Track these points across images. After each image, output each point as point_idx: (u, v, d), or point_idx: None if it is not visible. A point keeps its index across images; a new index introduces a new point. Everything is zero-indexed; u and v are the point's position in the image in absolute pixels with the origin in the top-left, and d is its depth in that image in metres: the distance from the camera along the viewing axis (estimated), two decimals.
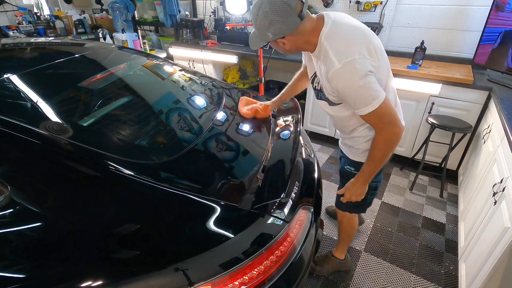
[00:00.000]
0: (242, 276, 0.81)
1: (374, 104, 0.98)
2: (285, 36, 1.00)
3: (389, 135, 1.05)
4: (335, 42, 0.99)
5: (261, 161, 1.14)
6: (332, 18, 1.02)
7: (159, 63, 1.78)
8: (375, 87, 0.97)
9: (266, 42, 1.04)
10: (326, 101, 1.19)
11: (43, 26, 3.86)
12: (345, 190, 1.26)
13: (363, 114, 1.02)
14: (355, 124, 1.20)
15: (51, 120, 1.02)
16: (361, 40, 0.99)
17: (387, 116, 1.02)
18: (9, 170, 0.87)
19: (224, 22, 3.52)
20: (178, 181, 0.97)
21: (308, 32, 1.02)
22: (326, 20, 1.02)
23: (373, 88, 0.97)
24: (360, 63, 0.95)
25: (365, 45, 0.99)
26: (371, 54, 0.99)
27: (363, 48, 0.98)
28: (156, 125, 1.26)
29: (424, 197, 2.31)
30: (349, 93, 1.00)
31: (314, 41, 1.03)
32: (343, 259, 1.67)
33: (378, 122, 1.04)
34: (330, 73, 0.99)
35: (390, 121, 1.03)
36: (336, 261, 1.68)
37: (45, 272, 0.74)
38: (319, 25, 1.02)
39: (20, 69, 1.18)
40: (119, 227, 0.83)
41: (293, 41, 1.03)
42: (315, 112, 2.97)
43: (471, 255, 1.47)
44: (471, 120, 2.19)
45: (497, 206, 1.31)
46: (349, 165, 1.35)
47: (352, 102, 1.02)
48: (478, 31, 2.31)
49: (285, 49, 1.07)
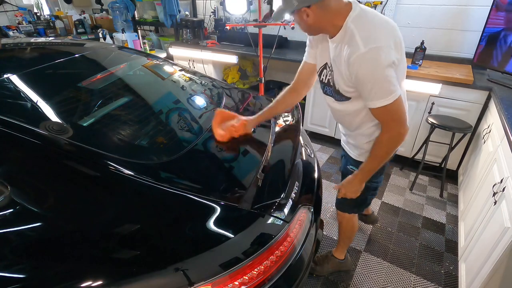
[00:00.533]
0: (242, 276, 0.81)
1: (389, 98, 0.96)
2: (311, 5, 0.95)
3: (395, 134, 1.04)
4: (363, 26, 0.96)
5: (261, 161, 1.14)
6: (360, 6, 1.00)
7: (159, 63, 1.78)
8: (393, 81, 0.95)
9: (291, 10, 1.00)
10: (332, 97, 1.17)
11: (43, 26, 3.86)
12: (342, 186, 1.25)
13: (375, 107, 0.99)
14: (362, 120, 1.17)
15: (51, 120, 1.02)
16: (389, 31, 0.97)
17: (397, 113, 1.00)
18: (9, 170, 0.87)
19: (224, 22, 3.53)
20: (178, 181, 0.97)
21: (334, 12, 0.98)
22: (354, 6, 0.99)
23: (392, 82, 0.94)
24: (386, 52, 0.92)
25: (393, 37, 0.97)
26: (396, 47, 0.97)
27: (390, 39, 0.95)
28: (156, 125, 1.26)
29: (424, 197, 2.31)
30: (368, 81, 0.96)
31: (338, 23, 1.00)
32: (343, 259, 1.67)
33: (388, 118, 1.02)
34: (353, 58, 0.94)
35: (399, 120, 1.01)
36: (336, 261, 1.68)
37: (45, 272, 0.74)
38: (347, 9, 0.99)
39: (20, 69, 1.18)
40: (119, 227, 0.83)
41: (318, 15, 0.98)
42: (315, 112, 2.97)
43: (471, 255, 1.47)
44: (471, 120, 2.19)
45: (497, 206, 1.31)
46: (351, 165, 1.34)
47: (367, 92, 0.98)
48: (478, 31, 2.31)
49: (307, 24, 1.02)
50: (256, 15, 2.84)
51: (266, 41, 2.61)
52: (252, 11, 3.24)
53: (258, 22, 2.40)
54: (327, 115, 2.89)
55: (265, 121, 1.51)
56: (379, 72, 0.93)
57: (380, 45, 0.92)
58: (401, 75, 1.04)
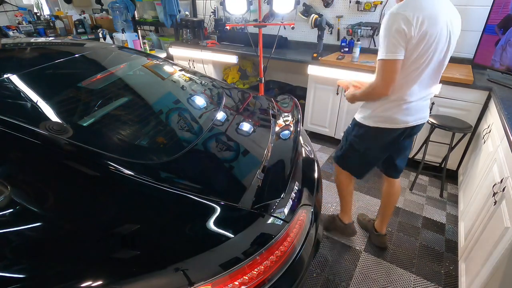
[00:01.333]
0: (242, 276, 0.81)
1: (385, 56, 1.20)
2: None
3: (373, 87, 1.30)
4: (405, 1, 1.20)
5: (261, 161, 1.14)
6: None
7: (159, 63, 1.78)
8: (395, 44, 1.17)
9: None
10: None
11: (43, 26, 3.86)
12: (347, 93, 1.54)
13: (377, 58, 1.24)
14: None
15: (51, 120, 1.02)
16: (419, 9, 1.15)
17: (384, 72, 1.23)
18: (9, 170, 0.87)
19: (224, 22, 3.53)
20: (178, 181, 0.97)
21: None
22: None
23: (394, 44, 1.17)
24: (398, 20, 1.14)
25: (420, 13, 1.14)
26: (419, 24, 1.15)
27: (414, 13, 1.14)
28: (156, 125, 1.26)
29: (424, 197, 2.31)
30: (380, 36, 1.23)
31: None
32: (346, 224, 1.82)
33: (377, 70, 1.26)
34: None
35: (382, 78, 1.24)
36: (339, 223, 1.85)
37: (45, 272, 0.74)
38: None
39: (20, 69, 1.18)
40: (119, 227, 0.83)
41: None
42: (315, 112, 2.97)
43: (471, 255, 1.47)
44: (471, 120, 2.19)
45: (497, 206, 1.31)
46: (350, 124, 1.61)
47: (380, 44, 1.24)
48: (478, 31, 2.31)
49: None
50: (256, 15, 2.84)
51: (266, 41, 2.61)
52: (252, 11, 3.24)
53: (258, 22, 2.40)
54: (327, 115, 2.89)
55: (265, 121, 1.51)
56: (386, 32, 1.18)
57: (395, 12, 1.16)
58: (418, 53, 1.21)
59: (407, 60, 1.22)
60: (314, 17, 2.63)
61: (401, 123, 1.37)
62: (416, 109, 1.36)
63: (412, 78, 1.27)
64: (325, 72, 2.67)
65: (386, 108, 1.36)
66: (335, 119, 2.85)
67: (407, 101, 1.32)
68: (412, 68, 1.24)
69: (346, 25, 2.95)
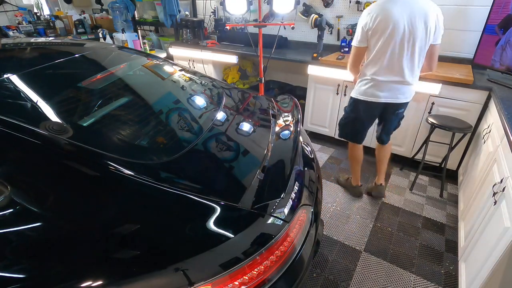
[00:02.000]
0: (242, 276, 0.81)
1: (354, 43, 1.77)
2: None
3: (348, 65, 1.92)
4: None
5: (261, 161, 1.14)
6: None
7: (159, 63, 1.78)
8: (360, 35, 1.70)
9: None
10: None
11: (43, 26, 3.86)
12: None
13: None
14: None
15: (51, 120, 1.02)
16: (380, 9, 1.59)
17: (352, 55, 1.83)
18: (9, 170, 0.87)
19: (224, 22, 3.53)
20: (178, 181, 0.97)
21: None
22: None
23: (359, 34, 1.71)
24: (363, 17, 1.66)
25: (377, 12, 1.59)
26: (373, 19, 1.60)
27: (376, 12, 1.60)
28: (156, 125, 1.26)
29: (424, 197, 2.31)
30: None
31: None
32: (354, 186, 2.26)
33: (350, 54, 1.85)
34: None
35: (350, 59, 1.85)
36: (349, 184, 2.30)
37: (45, 272, 0.74)
38: None
39: (20, 69, 1.18)
40: (119, 227, 0.83)
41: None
42: (315, 112, 2.97)
43: (471, 255, 1.47)
44: (471, 120, 2.19)
45: (497, 206, 1.31)
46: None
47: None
48: (478, 31, 2.31)
49: None
50: (256, 15, 2.84)
51: (266, 41, 2.61)
52: (252, 11, 3.24)
53: (258, 22, 2.40)
54: (327, 115, 2.89)
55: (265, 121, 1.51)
56: (357, 26, 1.72)
57: (365, 11, 1.66)
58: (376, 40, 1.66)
59: (371, 47, 1.71)
60: (314, 17, 2.63)
61: (373, 96, 1.81)
62: (387, 89, 1.77)
63: (375, 60, 1.72)
64: (325, 72, 2.68)
65: (362, 84, 1.84)
66: (335, 119, 2.85)
67: (376, 80, 1.76)
68: (374, 52, 1.70)
69: (346, 25, 2.95)
